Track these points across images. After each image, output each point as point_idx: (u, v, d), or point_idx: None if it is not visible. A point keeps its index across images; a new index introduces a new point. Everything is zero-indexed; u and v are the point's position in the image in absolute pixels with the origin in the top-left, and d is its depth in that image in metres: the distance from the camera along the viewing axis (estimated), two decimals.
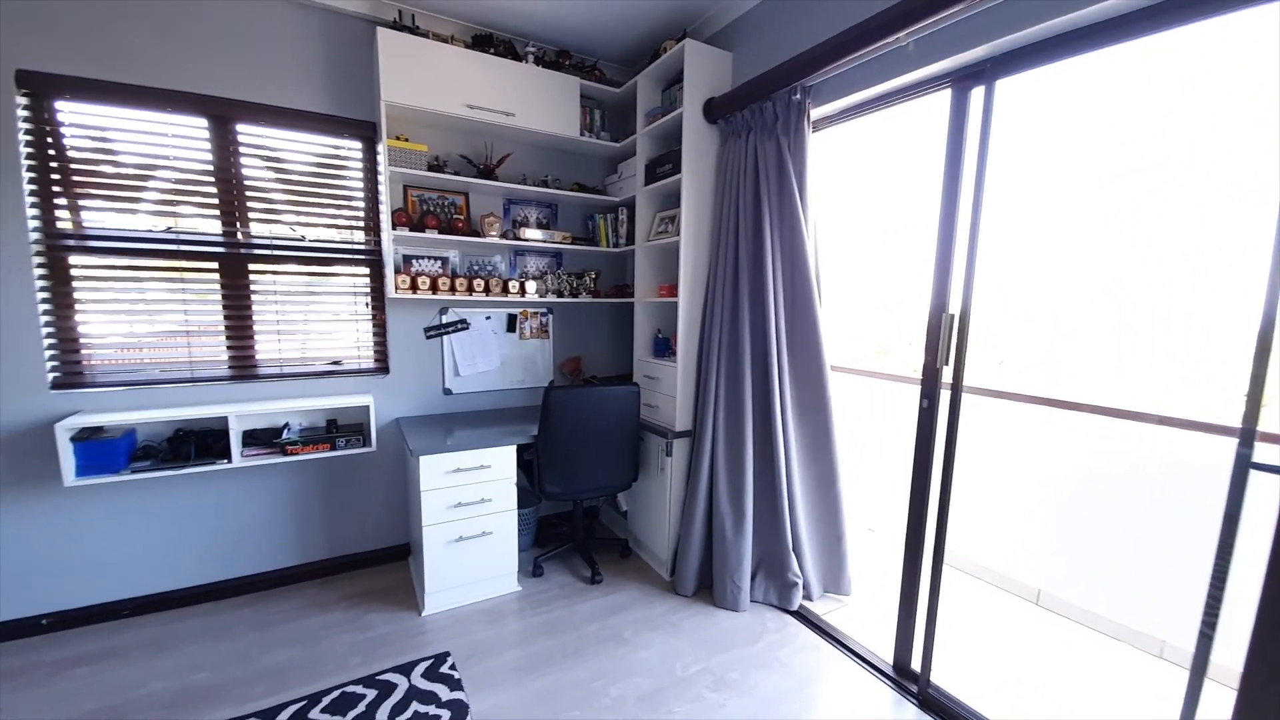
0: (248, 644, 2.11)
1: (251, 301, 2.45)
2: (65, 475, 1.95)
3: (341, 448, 2.43)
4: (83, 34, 2.02)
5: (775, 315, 2.30)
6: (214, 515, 2.38)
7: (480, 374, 2.93)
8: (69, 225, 2.13)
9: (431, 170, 2.58)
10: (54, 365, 2.10)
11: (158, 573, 2.30)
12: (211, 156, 2.33)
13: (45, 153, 2.06)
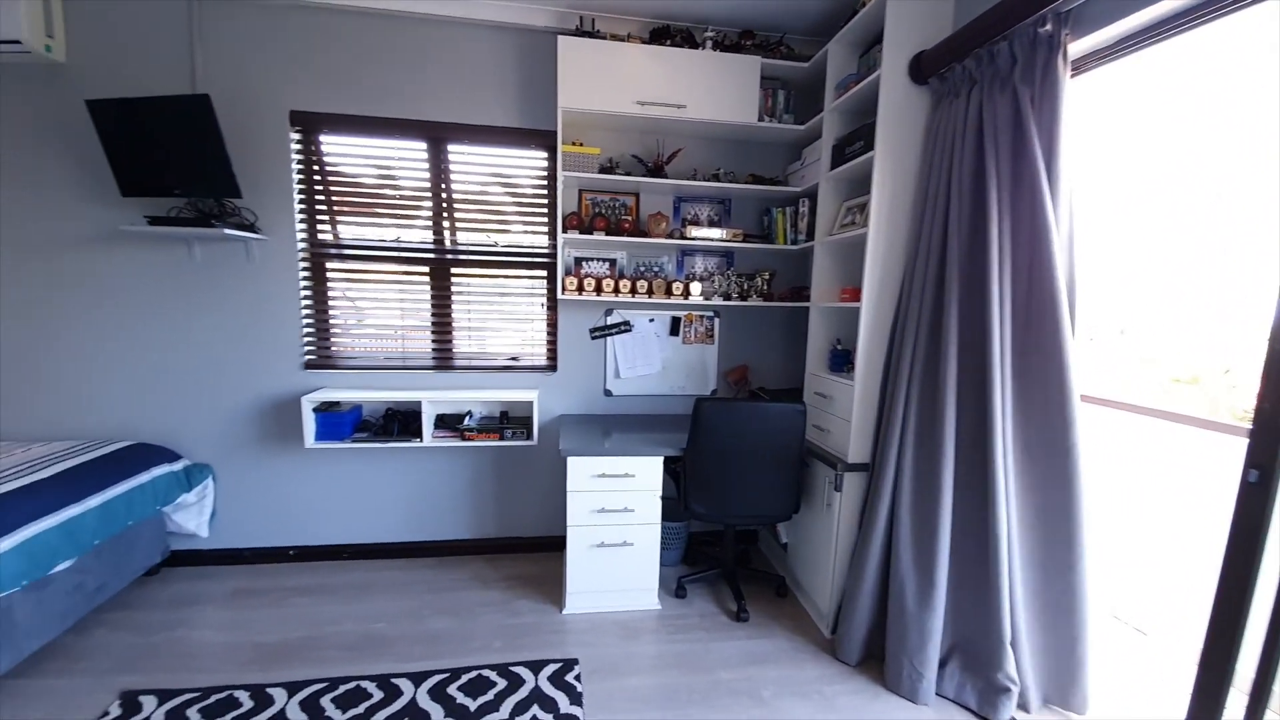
0: (420, 604, 2.36)
1: (451, 301, 2.76)
2: (307, 439, 2.42)
3: (508, 438, 2.59)
4: (338, 79, 2.47)
5: (998, 326, 1.74)
6: (411, 485, 2.75)
7: (640, 377, 2.87)
8: (328, 236, 2.65)
9: (603, 172, 2.59)
10: (308, 349, 2.64)
11: (369, 526, 2.75)
12: (428, 174, 2.67)
13: (311, 177, 2.58)
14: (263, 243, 2.49)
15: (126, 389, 2.49)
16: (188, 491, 2.47)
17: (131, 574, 2.30)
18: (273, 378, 2.58)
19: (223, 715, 1.72)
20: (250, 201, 2.44)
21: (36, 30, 2.14)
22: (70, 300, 2.41)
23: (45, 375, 2.43)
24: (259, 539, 2.66)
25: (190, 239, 2.42)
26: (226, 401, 2.56)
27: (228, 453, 2.59)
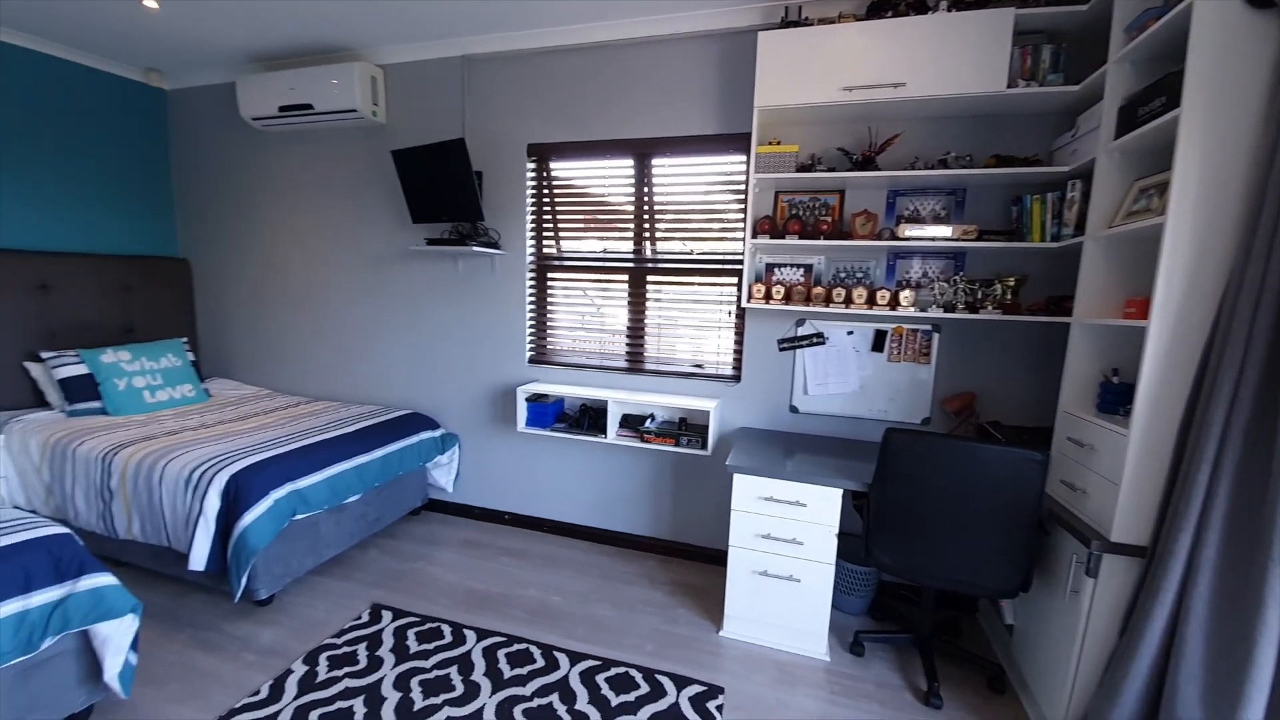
0: (592, 588, 2.54)
1: (645, 307, 2.89)
2: (519, 423, 2.81)
3: (683, 445, 2.59)
4: (563, 110, 2.79)
5: None
6: (598, 475, 2.97)
7: (832, 395, 2.57)
8: (551, 249, 3.03)
9: (801, 170, 2.38)
10: (531, 347, 3.06)
11: (564, 506, 3.06)
12: (632, 188, 2.84)
13: (541, 198, 2.98)
14: (502, 257, 2.98)
15: (409, 369, 3.26)
16: (441, 454, 3.11)
17: (399, 512, 3.01)
18: (504, 369, 3.06)
19: (429, 642, 2.12)
20: (494, 222, 2.95)
21: (366, 100, 2.93)
22: (382, 301, 3.25)
23: (366, 354, 3.34)
24: (486, 500, 3.21)
25: (454, 255, 3.04)
26: (472, 385, 3.14)
27: (470, 426, 3.18)
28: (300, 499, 2.30)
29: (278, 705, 1.78)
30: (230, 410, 3.03)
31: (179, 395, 3.08)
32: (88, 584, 1.58)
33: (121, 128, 3.33)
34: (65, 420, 2.69)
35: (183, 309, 3.62)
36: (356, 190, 3.23)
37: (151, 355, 3.06)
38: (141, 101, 3.41)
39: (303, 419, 2.89)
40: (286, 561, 2.32)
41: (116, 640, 1.62)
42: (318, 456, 2.45)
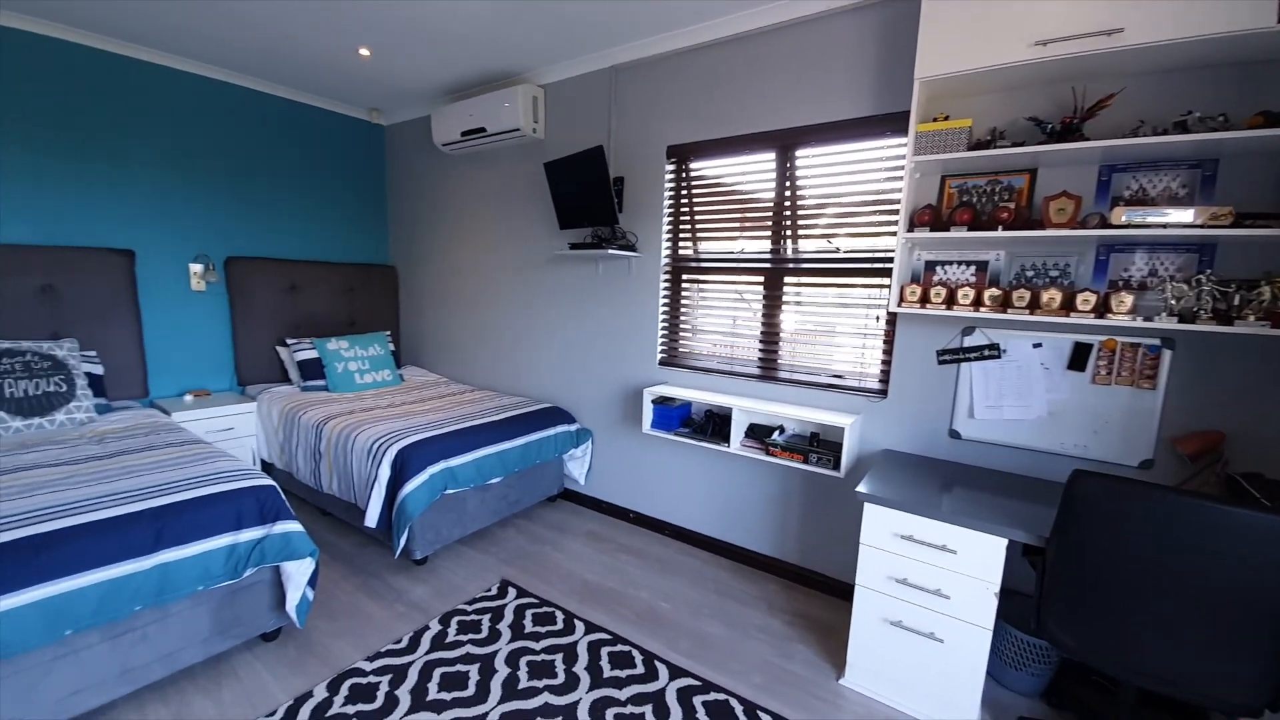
0: (704, 601, 2.44)
1: (781, 310, 2.70)
2: (644, 424, 2.82)
3: (813, 464, 2.35)
4: (701, 109, 2.73)
5: None
6: (722, 485, 2.85)
7: (1007, 422, 2.10)
8: (687, 251, 2.99)
9: (977, 148, 1.99)
10: (663, 349, 3.05)
11: (686, 511, 2.99)
12: (773, 183, 2.67)
13: (679, 200, 2.95)
14: (638, 259, 3.03)
15: (553, 365, 3.49)
16: (576, 448, 3.27)
17: (538, 497, 3.23)
18: (636, 369, 3.11)
19: (543, 625, 2.23)
20: (633, 225, 3.00)
21: (528, 119, 3.20)
22: (535, 302, 3.53)
23: (520, 350, 3.65)
24: (614, 496, 3.29)
25: (595, 258, 3.17)
26: (606, 383, 3.25)
27: (603, 423, 3.29)
28: (451, 476, 2.59)
29: (412, 656, 2.02)
30: (414, 393, 3.55)
31: (380, 378, 3.70)
32: (281, 529, 1.96)
33: (351, 159, 4.12)
34: (299, 394, 3.41)
35: (390, 307, 4.35)
36: (517, 201, 3.55)
37: (363, 345, 3.72)
38: (366, 136, 4.18)
39: (465, 405, 3.27)
40: (438, 529, 2.63)
41: (297, 578, 1.99)
42: (469, 439, 2.74)
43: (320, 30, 2.77)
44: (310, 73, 3.37)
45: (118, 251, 3.04)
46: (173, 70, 3.19)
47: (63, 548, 1.54)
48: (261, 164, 3.63)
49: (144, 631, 1.71)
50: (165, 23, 2.74)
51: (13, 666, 1.47)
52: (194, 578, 1.76)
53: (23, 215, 2.78)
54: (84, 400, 2.62)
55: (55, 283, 2.82)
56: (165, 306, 3.29)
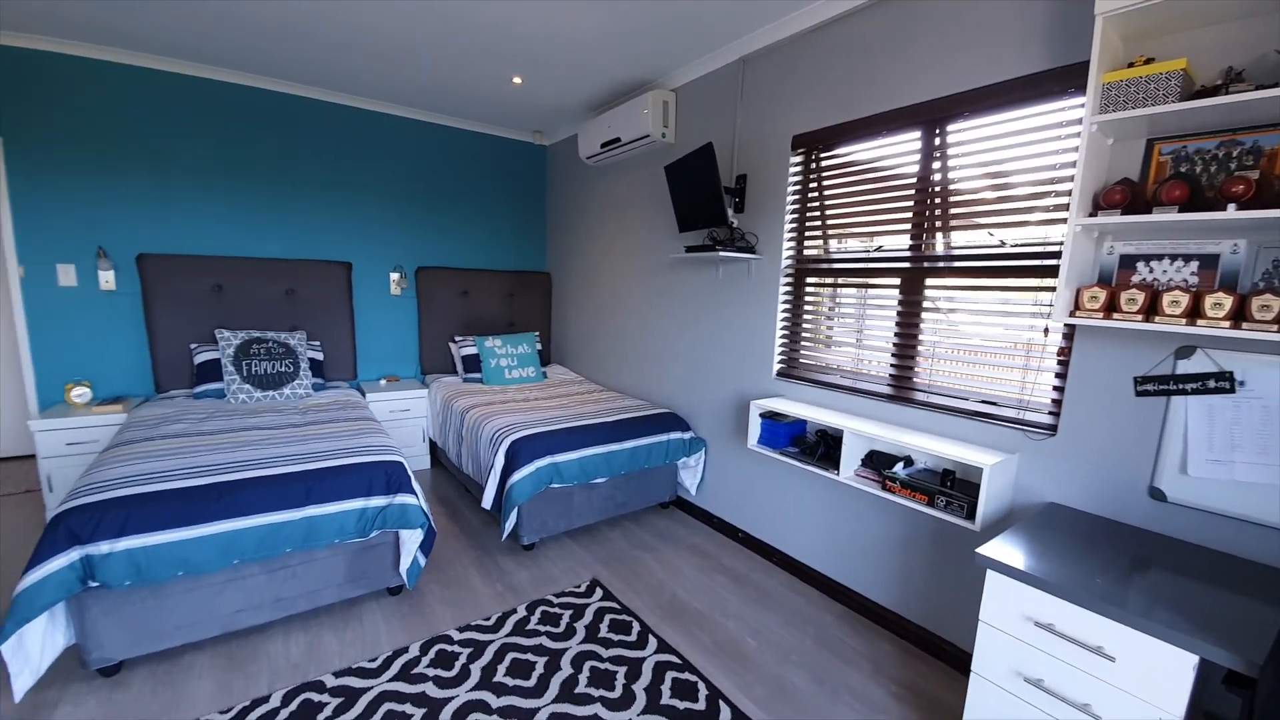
0: (796, 646, 2.15)
1: (921, 319, 2.27)
2: (750, 439, 2.61)
3: (939, 508, 1.91)
4: (832, 92, 2.43)
5: None
6: (833, 517, 2.49)
7: (1240, 484, 1.44)
8: (814, 251, 2.69)
9: (1199, 97, 1.41)
10: (781, 358, 2.79)
11: (795, 541, 2.68)
12: (917, 167, 2.26)
13: (806, 195, 2.67)
14: (758, 261, 2.82)
15: (672, 371, 3.44)
16: (689, 456, 3.18)
17: (648, 502, 3.21)
18: (751, 379, 2.90)
19: (616, 633, 2.19)
20: (754, 225, 2.81)
21: (657, 124, 3.20)
22: (658, 306, 3.52)
23: (644, 353, 3.68)
24: (724, 512, 3.11)
25: (716, 261, 3.04)
26: (720, 392, 3.09)
27: (717, 433, 3.14)
28: (556, 471, 2.72)
29: (494, 635, 2.15)
30: (550, 390, 3.82)
31: (525, 375, 4.07)
32: (400, 500, 2.26)
33: (518, 177, 4.60)
34: (459, 384, 3.92)
35: (543, 310, 4.76)
36: (645, 207, 3.59)
37: (513, 343, 4.13)
38: (531, 156, 4.63)
39: (588, 404, 3.40)
40: (543, 519, 2.79)
41: (409, 544, 2.27)
42: (578, 438, 2.85)
43: (477, 64, 3.13)
44: (479, 105, 3.84)
45: (340, 263, 3.84)
46: (381, 114, 3.92)
47: (239, 495, 1.98)
48: (446, 187, 4.26)
49: (294, 570, 2.12)
50: (376, 80, 3.38)
51: (197, 583, 1.94)
52: (332, 531, 2.12)
53: (278, 236, 3.69)
54: (305, 379, 3.37)
55: (296, 287, 3.67)
56: (371, 307, 4.07)
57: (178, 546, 1.84)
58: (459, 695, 1.85)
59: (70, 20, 2.71)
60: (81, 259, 3.14)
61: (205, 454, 2.26)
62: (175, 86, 3.26)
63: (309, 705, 1.78)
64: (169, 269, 3.30)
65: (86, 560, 1.72)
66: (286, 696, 1.81)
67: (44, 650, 1.69)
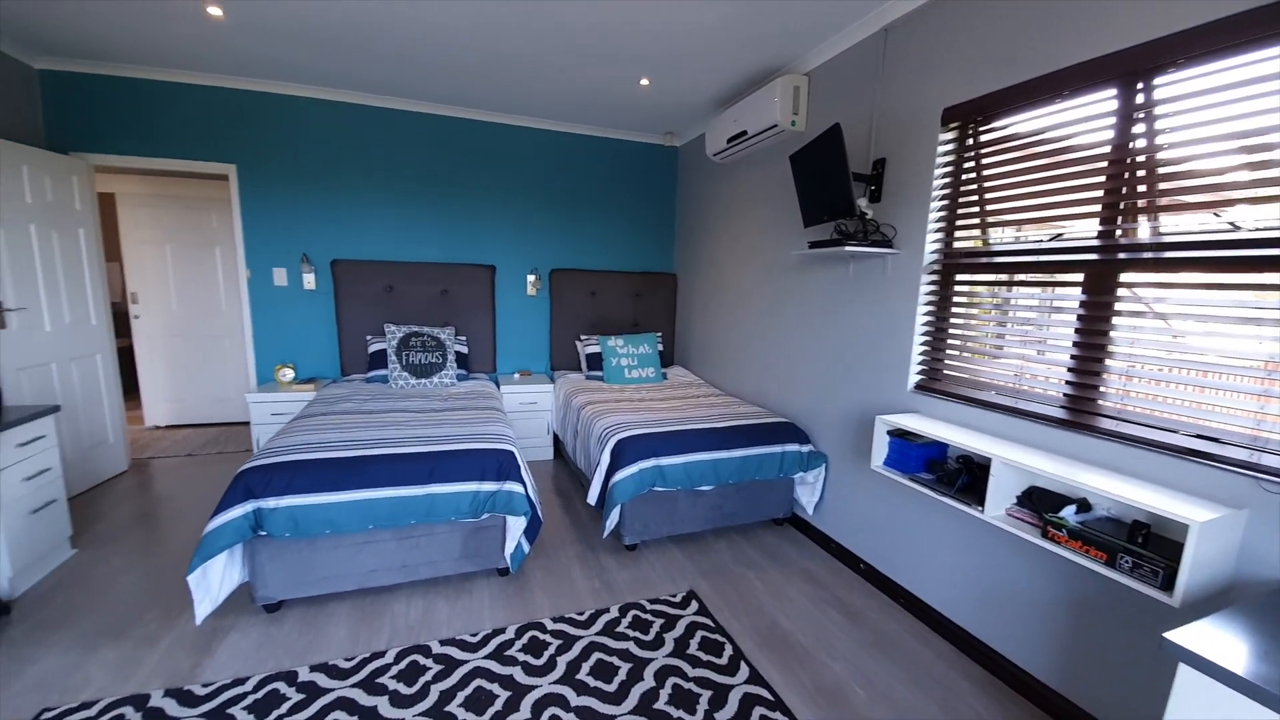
0: (918, 707, 1.82)
1: (1111, 325, 1.80)
2: (874, 458, 2.29)
3: (1122, 570, 1.47)
4: (992, 52, 2.04)
5: None
6: (975, 562, 2.07)
7: None
8: (971, 242, 2.29)
9: None
10: (920, 369, 2.42)
11: (928, 582, 2.29)
12: (1111, 135, 1.80)
13: (958, 177, 2.27)
14: (896, 257, 2.48)
15: (792, 377, 3.18)
16: (806, 471, 2.91)
17: (759, 516, 3.01)
18: (884, 392, 2.56)
19: (709, 653, 2.07)
20: (893, 215, 2.48)
21: (786, 112, 2.98)
22: (780, 307, 3.28)
23: (764, 358, 3.46)
24: (845, 538, 2.79)
25: (846, 258, 2.74)
26: (844, 404, 2.78)
27: (840, 449, 2.83)
28: (659, 474, 2.66)
29: (584, 632, 2.16)
30: (667, 391, 3.79)
31: (645, 375, 4.09)
32: (508, 487, 2.38)
33: (648, 180, 4.65)
34: (581, 381, 4.06)
35: (667, 311, 4.75)
36: (769, 202, 3.38)
37: (635, 343, 4.17)
38: (661, 158, 4.65)
39: (701, 408, 3.30)
40: (646, 522, 2.75)
41: (514, 530, 2.38)
42: (685, 441, 2.76)
43: (605, 70, 3.20)
44: (609, 111, 3.95)
45: (485, 266, 4.22)
46: (522, 128, 4.22)
47: (376, 468, 2.24)
48: (580, 192, 4.46)
49: (418, 540, 2.35)
50: (516, 96, 3.65)
51: (341, 542, 2.23)
52: (449, 509, 2.31)
53: (437, 243, 4.16)
54: (450, 370, 3.75)
55: (449, 287, 4.11)
56: (510, 306, 4.40)
57: (326, 508, 2.14)
58: (542, 686, 1.88)
59: (286, 65, 3.33)
60: (290, 263, 3.85)
61: (360, 430, 2.61)
62: (360, 116, 3.84)
63: (415, 666, 1.94)
64: (354, 272, 3.90)
65: (258, 512, 2.07)
66: (399, 655, 2.00)
67: (222, 584, 2.06)
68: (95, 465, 3.37)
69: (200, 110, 3.54)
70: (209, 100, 3.54)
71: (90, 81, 3.34)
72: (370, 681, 1.87)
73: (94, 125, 3.39)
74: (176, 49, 3.09)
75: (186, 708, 1.72)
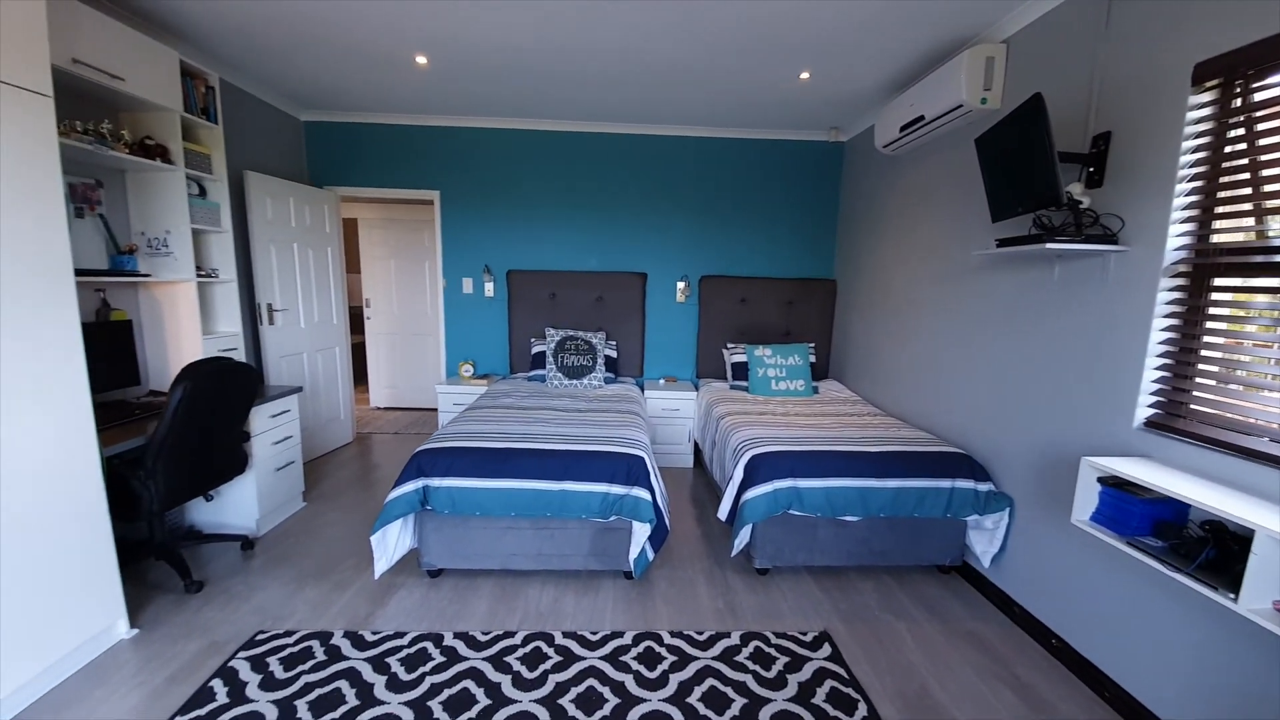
0: None
1: None
2: (1075, 509, 1.81)
3: None
4: None
5: None
6: (1217, 661, 1.49)
7: None
8: (1245, 235, 1.71)
9: None
10: (1155, 402, 1.85)
11: (1141, 677, 1.72)
12: None
13: (1219, 152, 1.71)
14: (1122, 255, 1.95)
15: (971, 400, 2.68)
16: (982, 515, 2.44)
17: (917, 559, 2.60)
18: (1092, 427, 2.03)
19: (839, 708, 1.82)
20: (1116, 203, 1.96)
21: (974, 89, 2.54)
22: (960, 317, 2.80)
23: (935, 376, 2.99)
24: (1030, 602, 2.26)
25: (1046, 257, 2.24)
26: (1038, 439, 2.26)
27: (1026, 493, 2.31)
28: (796, 496, 2.45)
29: (700, 653, 2.06)
30: (816, 407, 3.50)
31: (792, 387, 3.83)
32: (635, 493, 2.39)
33: (808, 180, 4.36)
34: (725, 390, 3.94)
35: (823, 320, 4.40)
36: (946, 196, 2.92)
37: (784, 354, 3.93)
38: (824, 156, 4.33)
39: (853, 428, 2.98)
40: (779, 546, 2.55)
41: (638, 536, 2.38)
42: (828, 463, 2.51)
43: (762, 67, 3.07)
44: (766, 110, 3.78)
45: (637, 274, 4.35)
46: (673, 137, 4.26)
47: (518, 461, 2.42)
48: (731, 196, 4.36)
49: (551, 532, 2.48)
50: (670, 106, 3.70)
51: (488, 524, 2.44)
52: (579, 507, 2.40)
53: (595, 252, 4.40)
54: (599, 373, 3.93)
55: (604, 294, 4.32)
56: (659, 312, 4.48)
57: (476, 492, 2.37)
58: (651, 701, 1.83)
59: (472, 97, 3.80)
60: (475, 273, 4.40)
61: (513, 424, 2.85)
62: (532, 140, 4.23)
63: (538, 653, 2.04)
64: (525, 281, 4.32)
65: (425, 489, 2.37)
66: (526, 639, 2.12)
67: (396, 547, 2.39)
68: (327, 436, 4.22)
69: (414, 145, 4.23)
70: (420, 136, 4.22)
71: (338, 128, 4.20)
72: (499, 659, 2.01)
73: (339, 162, 4.26)
74: (394, 95, 3.73)
75: (357, 650, 2.03)
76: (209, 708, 1.74)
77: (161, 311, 2.86)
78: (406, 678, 1.90)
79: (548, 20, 2.61)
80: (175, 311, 2.85)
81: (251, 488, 2.80)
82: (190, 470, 2.35)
